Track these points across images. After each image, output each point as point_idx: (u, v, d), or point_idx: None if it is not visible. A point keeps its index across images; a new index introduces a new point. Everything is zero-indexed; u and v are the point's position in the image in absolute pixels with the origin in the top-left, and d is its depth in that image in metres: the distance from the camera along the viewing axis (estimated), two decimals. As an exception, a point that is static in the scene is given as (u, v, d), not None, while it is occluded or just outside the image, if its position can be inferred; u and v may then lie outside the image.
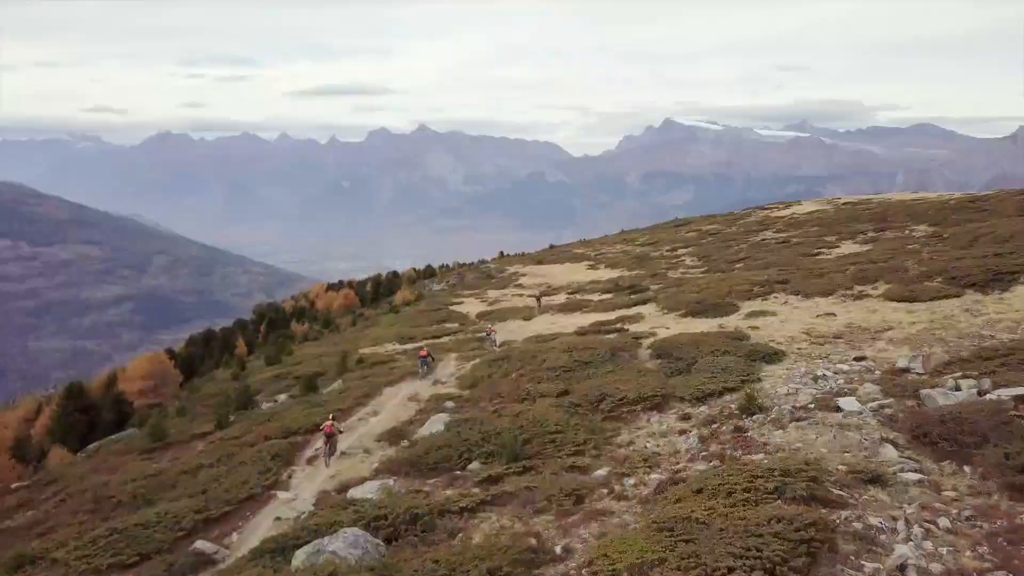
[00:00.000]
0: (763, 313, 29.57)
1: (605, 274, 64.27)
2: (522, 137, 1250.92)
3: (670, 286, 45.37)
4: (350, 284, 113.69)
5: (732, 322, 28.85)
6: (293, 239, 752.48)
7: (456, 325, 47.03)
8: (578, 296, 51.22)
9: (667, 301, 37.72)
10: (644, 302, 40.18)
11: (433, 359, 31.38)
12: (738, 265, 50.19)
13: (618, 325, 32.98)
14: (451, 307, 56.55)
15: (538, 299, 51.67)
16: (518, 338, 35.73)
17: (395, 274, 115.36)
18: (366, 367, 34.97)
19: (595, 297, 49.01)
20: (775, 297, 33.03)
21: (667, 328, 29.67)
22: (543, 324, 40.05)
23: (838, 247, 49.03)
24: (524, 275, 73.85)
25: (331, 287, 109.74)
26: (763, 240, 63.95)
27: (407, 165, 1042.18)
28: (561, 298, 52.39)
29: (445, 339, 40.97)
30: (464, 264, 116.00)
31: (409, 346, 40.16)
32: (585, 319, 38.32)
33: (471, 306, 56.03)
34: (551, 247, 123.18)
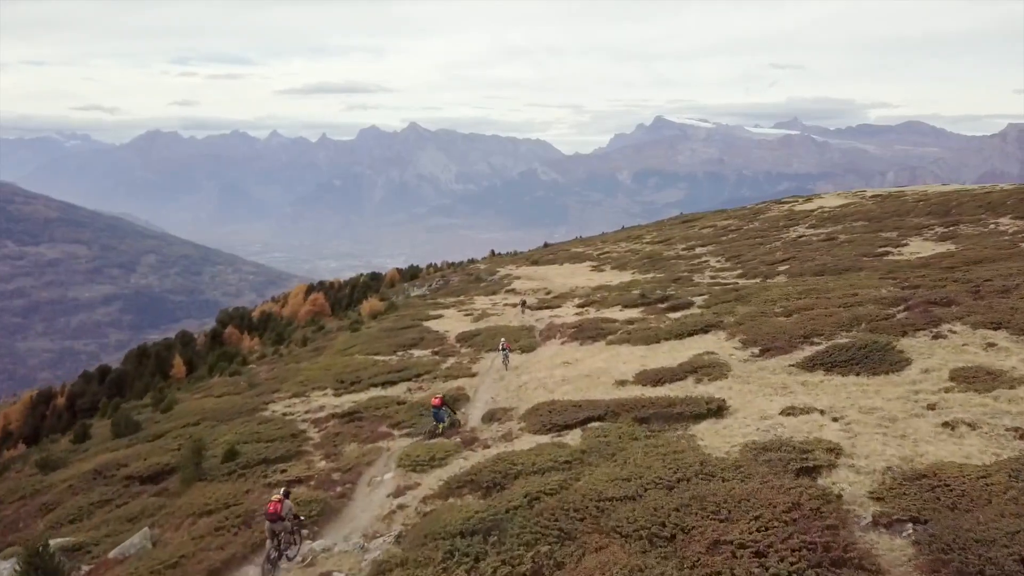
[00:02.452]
0: (993, 377, 16.35)
1: (614, 277, 57.30)
2: (514, 135, 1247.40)
3: (722, 299, 34.65)
4: (331, 285, 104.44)
5: (959, 404, 15.23)
6: (285, 238, 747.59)
7: (427, 354, 35.32)
8: (593, 312, 39.92)
9: (746, 331, 25.62)
10: (704, 329, 28.02)
11: (453, 411, 21.92)
12: (782, 267, 44.03)
13: (712, 398, 18.25)
14: (426, 322, 45.93)
15: (522, 305, 45.55)
16: (517, 402, 22.94)
17: (373, 276, 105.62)
18: (236, 470, 20.36)
19: (618, 314, 37.42)
20: (953, 332, 20.39)
21: (825, 413, 15.89)
22: (554, 366, 27.88)
23: (906, 244, 43.49)
24: (518, 278, 65.98)
25: (310, 289, 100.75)
26: (800, 237, 57.94)
27: (399, 163, 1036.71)
28: (569, 313, 41.18)
29: (400, 388, 28.36)
30: (453, 264, 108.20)
31: (346, 398, 27.97)
32: (620, 360, 26.05)
33: (451, 321, 45.60)
34: (546, 245, 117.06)
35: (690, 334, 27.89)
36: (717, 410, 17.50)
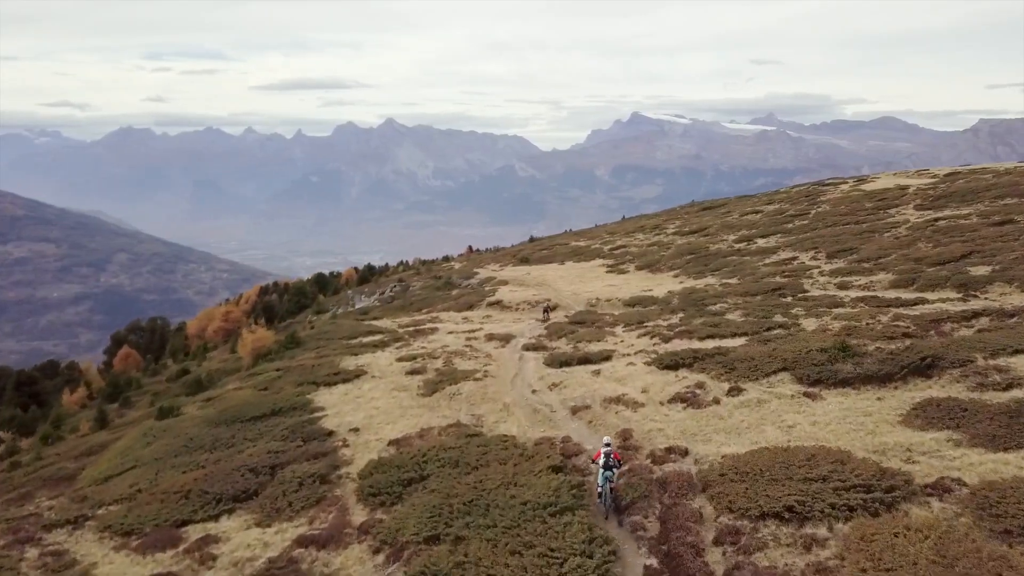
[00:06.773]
0: None
1: (651, 283, 42.13)
2: (492, 131, 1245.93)
3: None
4: (285, 287, 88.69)
5: None
6: (261, 235, 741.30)
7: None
8: (736, 405, 18.95)
9: None
10: None
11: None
12: (976, 271, 30.16)
13: None
14: (326, 392, 25.61)
15: (545, 313, 39.02)
16: None
17: (319, 278, 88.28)
18: None
19: (819, 426, 16.75)
20: None
21: None
22: None
23: None
24: (505, 283, 50.29)
25: (263, 291, 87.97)
26: (937, 220, 41.98)
27: (376, 159, 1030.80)
28: (652, 393, 20.53)
29: None
30: (426, 262, 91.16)
31: None
32: None
33: (375, 392, 24.56)
34: (532, 239, 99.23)
35: None
36: None
